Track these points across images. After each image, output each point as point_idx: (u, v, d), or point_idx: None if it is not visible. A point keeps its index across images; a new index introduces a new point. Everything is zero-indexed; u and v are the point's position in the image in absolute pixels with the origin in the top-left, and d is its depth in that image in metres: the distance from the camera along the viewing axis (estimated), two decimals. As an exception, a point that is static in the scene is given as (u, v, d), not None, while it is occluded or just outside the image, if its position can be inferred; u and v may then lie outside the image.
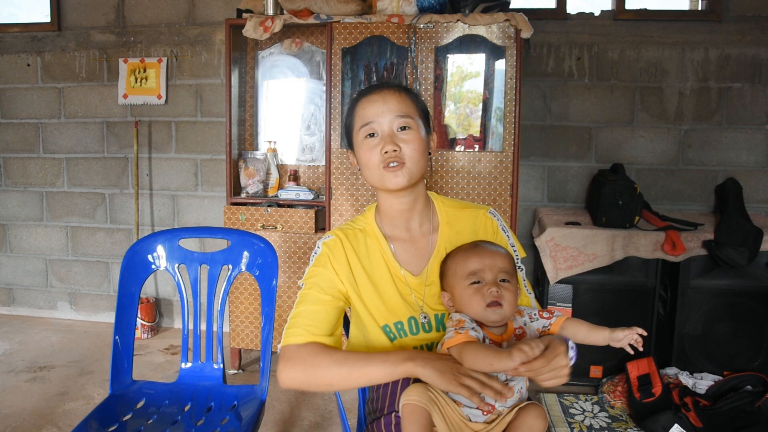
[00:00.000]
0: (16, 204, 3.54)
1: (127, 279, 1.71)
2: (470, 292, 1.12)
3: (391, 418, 1.15)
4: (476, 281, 1.13)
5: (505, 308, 1.10)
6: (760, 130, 2.91)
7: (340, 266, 1.22)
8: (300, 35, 2.92)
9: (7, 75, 3.43)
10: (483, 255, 1.15)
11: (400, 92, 1.21)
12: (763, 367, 2.48)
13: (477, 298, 1.11)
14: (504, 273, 1.13)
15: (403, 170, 1.18)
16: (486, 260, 1.14)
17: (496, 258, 1.15)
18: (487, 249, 1.17)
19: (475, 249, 1.17)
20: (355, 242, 1.25)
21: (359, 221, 1.31)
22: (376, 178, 1.21)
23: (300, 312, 1.19)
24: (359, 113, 1.22)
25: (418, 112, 1.22)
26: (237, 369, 2.83)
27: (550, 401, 2.47)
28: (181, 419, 1.54)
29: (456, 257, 1.18)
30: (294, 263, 2.71)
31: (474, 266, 1.14)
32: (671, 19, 2.90)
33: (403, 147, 1.18)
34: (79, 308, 3.54)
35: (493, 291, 1.10)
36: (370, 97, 1.21)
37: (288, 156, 3.01)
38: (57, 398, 2.52)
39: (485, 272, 1.13)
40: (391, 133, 1.19)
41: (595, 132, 3.00)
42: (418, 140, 1.19)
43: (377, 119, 1.19)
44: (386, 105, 1.19)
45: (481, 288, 1.11)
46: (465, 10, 2.49)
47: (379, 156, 1.18)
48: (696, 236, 2.46)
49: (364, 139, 1.21)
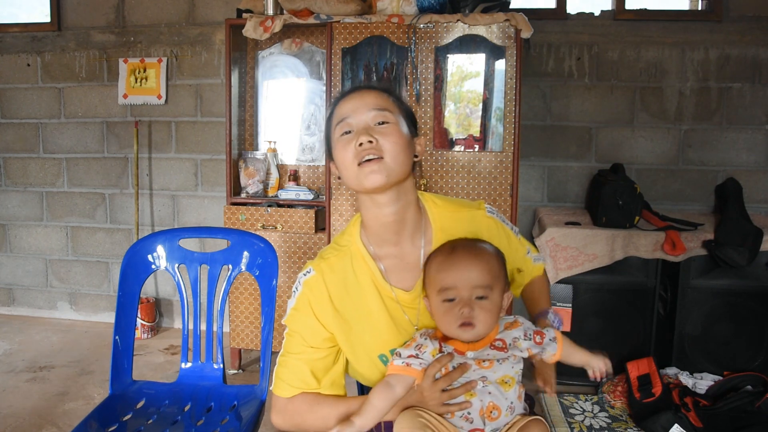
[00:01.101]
0: (16, 204, 3.54)
1: (127, 279, 1.71)
2: (443, 309, 1.04)
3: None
4: (449, 299, 1.03)
5: (478, 328, 1.02)
6: (760, 130, 2.91)
7: (323, 310, 1.13)
8: (300, 35, 2.92)
9: (7, 75, 3.43)
10: (458, 269, 1.04)
11: (380, 90, 1.13)
12: (763, 367, 2.47)
13: (448, 318, 1.03)
14: (480, 289, 1.03)
15: (380, 164, 1.04)
16: (461, 275, 1.03)
17: (473, 272, 1.03)
18: (463, 260, 1.04)
19: (449, 258, 1.06)
20: (341, 270, 1.14)
21: (343, 240, 1.19)
22: (352, 177, 1.07)
23: (285, 362, 1.15)
24: (336, 114, 1.12)
25: (400, 110, 1.13)
26: (237, 369, 2.83)
27: (550, 401, 2.47)
28: (181, 419, 1.54)
29: (431, 266, 1.08)
30: (294, 263, 2.71)
31: (446, 282, 1.04)
32: (671, 19, 2.90)
33: (380, 139, 1.05)
34: (79, 308, 3.54)
35: (464, 312, 1.01)
36: (347, 96, 1.13)
37: (288, 156, 3.01)
38: (57, 398, 2.52)
39: (458, 289, 1.03)
40: (368, 126, 1.07)
41: (595, 132, 3.00)
42: (398, 134, 1.07)
43: (352, 114, 1.09)
44: (362, 100, 1.10)
45: (453, 307, 1.03)
46: (465, 10, 2.49)
47: (353, 150, 1.06)
48: (696, 236, 2.46)
49: (339, 137, 1.10)
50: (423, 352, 1.04)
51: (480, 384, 1.02)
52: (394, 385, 1.03)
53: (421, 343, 1.05)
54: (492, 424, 1.03)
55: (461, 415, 1.03)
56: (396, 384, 1.03)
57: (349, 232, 1.19)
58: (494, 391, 1.02)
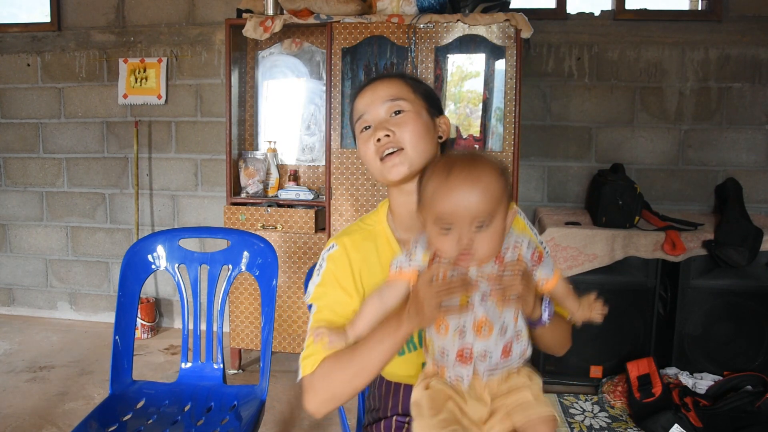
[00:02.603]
0: (16, 204, 3.54)
1: (127, 279, 1.71)
2: (439, 238, 0.94)
3: (392, 422, 1.15)
4: (445, 228, 0.93)
5: (479, 255, 0.93)
6: (760, 130, 2.91)
7: (348, 283, 1.10)
8: (300, 35, 2.92)
9: (7, 75, 3.43)
10: (455, 197, 0.92)
11: (392, 79, 1.13)
12: (763, 367, 2.47)
13: (446, 247, 0.94)
14: (479, 218, 0.91)
15: (401, 157, 1.05)
16: (457, 204, 0.91)
17: (471, 201, 0.91)
18: (461, 187, 0.92)
19: (446, 184, 0.93)
20: (364, 248, 1.13)
21: (370, 219, 1.18)
22: (376, 172, 1.09)
23: (310, 343, 1.08)
24: (355, 110, 1.14)
25: (416, 94, 1.11)
26: (237, 369, 2.83)
27: (550, 401, 2.47)
28: (181, 419, 1.54)
29: (427, 189, 0.96)
30: (294, 263, 2.71)
31: (441, 211, 0.93)
32: (671, 19, 2.90)
33: (397, 131, 1.06)
34: (79, 308, 3.54)
35: (462, 243, 0.92)
36: (362, 91, 1.14)
37: (288, 156, 3.01)
38: (57, 398, 2.52)
39: (455, 219, 0.92)
40: (384, 120, 1.08)
41: (595, 132, 3.00)
42: (414, 121, 1.07)
43: (368, 109, 1.10)
44: (375, 94, 1.10)
45: (451, 237, 0.93)
46: (465, 10, 2.49)
47: (373, 147, 1.07)
48: (696, 236, 2.46)
49: (360, 134, 1.12)
50: (414, 258, 0.98)
51: (477, 297, 0.94)
52: (384, 295, 1.00)
53: (413, 250, 0.98)
54: (482, 342, 0.95)
55: (456, 328, 0.95)
56: (387, 294, 0.99)
57: (377, 213, 1.18)
58: (490, 307, 0.94)
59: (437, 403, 0.97)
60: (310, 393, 1.06)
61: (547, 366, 2.62)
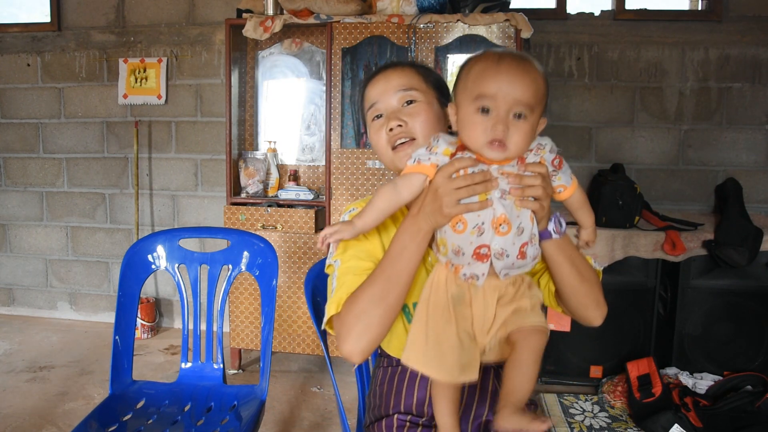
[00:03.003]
0: (16, 204, 3.54)
1: (127, 279, 1.71)
2: (474, 120, 0.92)
3: (393, 420, 1.15)
4: (484, 108, 0.91)
5: (510, 149, 0.91)
6: (760, 130, 2.91)
7: (372, 235, 1.10)
8: (300, 35, 2.92)
9: (7, 75, 3.43)
10: (501, 78, 0.91)
11: (404, 67, 1.13)
12: (763, 367, 2.47)
13: (478, 131, 0.91)
14: (521, 106, 0.90)
15: (413, 146, 1.06)
16: (503, 86, 0.90)
17: (517, 85, 0.90)
18: (510, 71, 0.91)
19: (496, 66, 0.92)
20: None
21: None
22: (387, 161, 1.11)
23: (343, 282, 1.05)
24: (366, 97, 1.15)
25: (428, 83, 1.12)
26: (237, 369, 2.83)
27: (550, 401, 2.47)
28: (181, 419, 1.54)
29: (471, 71, 0.95)
30: (294, 263, 2.71)
31: (485, 90, 0.91)
32: (671, 19, 2.90)
33: (409, 121, 1.08)
34: (79, 308, 3.54)
35: (498, 128, 0.90)
36: (374, 79, 1.14)
37: (288, 156, 3.01)
38: (57, 398, 2.52)
39: (497, 101, 0.90)
40: (396, 109, 1.10)
41: (595, 132, 3.00)
42: (426, 111, 1.09)
43: (380, 98, 1.11)
44: (388, 83, 1.11)
45: (487, 120, 0.91)
46: (465, 10, 2.49)
47: (385, 136, 1.09)
48: (696, 236, 2.46)
49: (371, 122, 1.13)
50: (435, 153, 0.95)
51: (497, 194, 0.92)
52: (400, 187, 0.97)
53: (434, 144, 0.96)
54: (500, 239, 0.92)
55: (474, 225, 0.92)
56: (403, 186, 0.97)
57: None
58: (509, 205, 0.93)
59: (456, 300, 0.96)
60: (342, 332, 1.00)
61: (547, 366, 2.62)
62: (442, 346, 0.94)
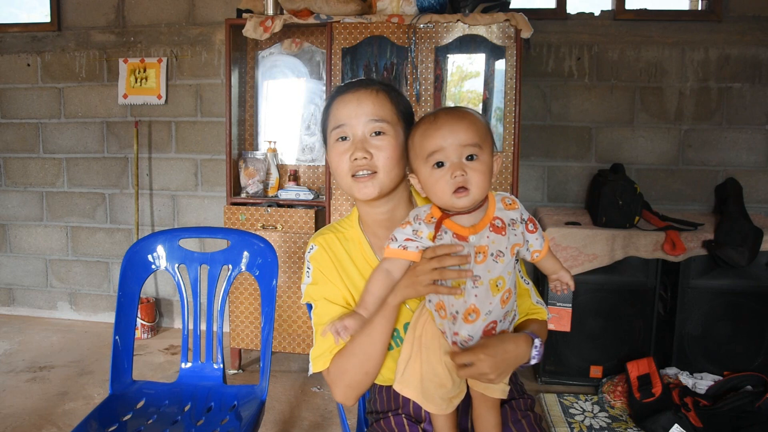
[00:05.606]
0: (16, 204, 3.54)
1: (127, 279, 1.71)
2: (434, 177, 1.00)
3: (393, 420, 1.15)
4: (438, 163, 0.99)
5: (473, 192, 0.98)
6: (760, 130, 2.91)
7: (333, 274, 1.16)
8: (300, 35, 2.92)
9: (7, 75, 3.43)
10: (442, 130, 0.99)
11: (378, 93, 1.10)
12: (763, 367, 2.47)
13: (441, 185, 0.99)
14: (469, 147, 0.98)
15: (374, 181, 1.08)
16: (446, 135, 0.98)
17: (457, 131, 0.98)
18: (447, 122, 1.00)
19: (434, 122, 1.01)
20: (338, 250, 1.17)
21: (344, 224, 1.21)
22: (345, 186, 1.12)
23: (316, 338, 1.16)
24: (333, 113, 1.12)
25: (398, 114, 1.11)
26: (237, 369, 2.83)
27: (550, 401, 2.47)
28: (181, 419, 1.54)
29: (415, 136, 1.04)
30: (294, 263, 2.71)
31: (432, 146, 0.99)
32: (671, 19, 2.90)
33: (375, 154, 1.07)
34: (79, 308, 3.54)
35: (457, 176, 0.97)
36: (345, 96, 1.11)
37: (288, 156, 3.01)
38: (57, 398, 2.52)
39: (446, 151, 0.98)
40: (363, 139, 1.08)
41: (595, 132, 3.00)
42: (393, 147, 1.08)
43: (349, 122, 1.09)
44: (360, 107, 1.08)
45: (445, 173, 0.98)
46: (465, 10, 2.49)
47: (348, 163, 1.08)
48: (696, 236, 2.46)
49: (335, 142, 1.11)
50: (420, 237, 1.02)
51: (470, 283, 0.99)
52: (391, 270, 1.04)
53: (417, 228, 1.02)
54: (467, 327, 1.01)
55: (450, 313, 1.02)
56: (393, 269, 1.04)
57: (349, 218, 1.23)
58: (481, 293, 1.00)
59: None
60: (332, 384, 1.13)
61: (547, 366, 2.62)
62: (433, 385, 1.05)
